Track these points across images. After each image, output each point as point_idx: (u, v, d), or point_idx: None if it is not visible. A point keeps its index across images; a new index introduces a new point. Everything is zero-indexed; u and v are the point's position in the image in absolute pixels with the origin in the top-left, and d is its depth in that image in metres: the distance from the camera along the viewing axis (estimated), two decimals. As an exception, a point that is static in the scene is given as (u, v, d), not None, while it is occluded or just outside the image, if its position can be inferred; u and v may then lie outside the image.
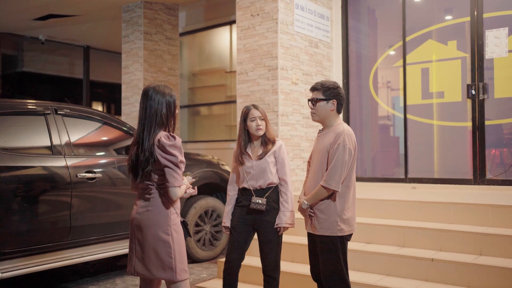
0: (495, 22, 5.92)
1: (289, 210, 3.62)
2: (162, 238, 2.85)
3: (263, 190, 3.62)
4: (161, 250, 2.84)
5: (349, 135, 3.19)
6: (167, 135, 2.82)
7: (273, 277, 3.65)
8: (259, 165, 3.61)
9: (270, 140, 3.67)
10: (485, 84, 5.91)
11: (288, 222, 3.61)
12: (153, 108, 2.85)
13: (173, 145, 2.79)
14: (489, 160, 5.95)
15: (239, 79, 6.40)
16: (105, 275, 5.35)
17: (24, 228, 4.12)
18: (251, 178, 3.64)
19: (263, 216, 3.61)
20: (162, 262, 2.85)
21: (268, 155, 3.63)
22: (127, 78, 8.91)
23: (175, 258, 2.85)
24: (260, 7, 6.19)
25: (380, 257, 4.43)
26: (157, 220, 2.86)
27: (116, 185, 4.84)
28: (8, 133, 4.29)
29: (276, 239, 3.65)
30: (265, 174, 3.61)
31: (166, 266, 2.85)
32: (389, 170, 7.09)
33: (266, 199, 3.59)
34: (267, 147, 3.64)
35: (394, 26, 6.82)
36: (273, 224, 3.61)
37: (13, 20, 10.07)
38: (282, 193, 3.66)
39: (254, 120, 3.61)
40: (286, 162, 3.69)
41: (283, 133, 6.05)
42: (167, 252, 2.84)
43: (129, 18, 8.86)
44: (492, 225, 4.51)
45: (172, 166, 2.78)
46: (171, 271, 2.85)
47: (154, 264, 2.86)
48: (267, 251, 3.63)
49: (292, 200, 3.67)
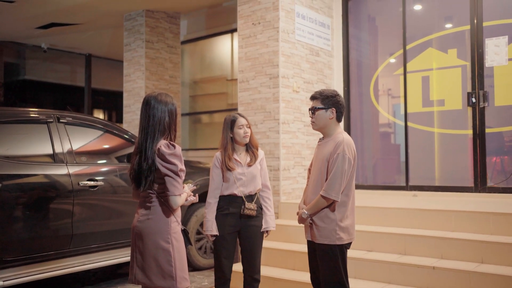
0: (495, 31, 5.95)
1: (273, 214, 3.86)
2: (162, 246, 2.85)
3: (251, 196, 3.73)
4: (161, 259, 2.85)
5: (348, 145, 3.21)
6: (167, 144, 2.83)
7: (258, 280, 3.78)
8: (250, 171, 3.73)
9: (255, 147, 3.83)
10: (485, 92, 5.93)
11: (273, 226, 3.83)
12: (156, 117, 2.86)
13: (173, 153, 2.80)
14: (490, 168, 5.95)
15: (241, 87, 6.43)
16: (106, 283, 5.35)
17: (26, 236, 4.12)
18: (242, 185, 3.70)
19: (251, 221, 3.72)
20: (162, 271, 2.85)
21: (257, 162, 3.78)
22: (128, 86, 8.94)
23: (175, 266, 2.86)
24: (261, 16, 6.23)
25: (381, 265, 4.43)
26: (158, 228, 2.86)
27: (117, 193, 4.85)
28: (11, 141, 4.30)
29: (261, 243, 3.81)
30: (255, 180, 3.75)
31: (166, 275, 2.85)
32: (390, 177, 7.09)
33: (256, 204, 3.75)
34: (255, 154, 3.80)
35: (394, 34, 6.85)
36: (259, 228, 3.76)
37: (16, 29, 10.13)
38: (266, 199, 3.84)
39: (241, 128, 3.72)
40: (267, 170, 3.94)
41: (284, 141, 6.06)
42: (167, 261, 2.85)
43: (131, 27, 8.91)
44: (493, 233, 4.51)
45: (172, 174, 2.80)
46: (171, 279, 2.85)
47: (154, 273, 2.86)
48: (254, 255, 3.75)
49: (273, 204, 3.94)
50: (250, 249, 3.74)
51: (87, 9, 8.62)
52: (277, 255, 5.11)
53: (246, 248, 3.75)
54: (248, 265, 3.75)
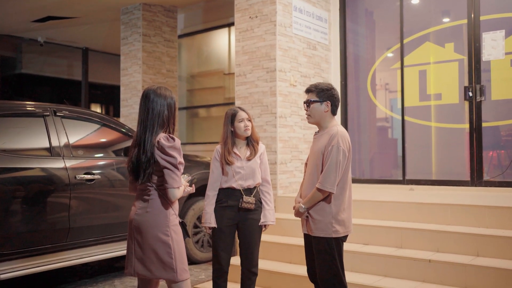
0: (492, 25, 5.95)
1: (272, 209, 3.84)
2: (162, 239, 2.86)
3: (250, 189, 3.74)
4: (161, 251, 2.86)
5: (343, 137, 3.21)
6: (166, 137, 2.84)
7: (256, 273, 3.80)
8: (249, 165, 3.73)
9: (255, 141, 3.82)
10: (482, 86, 5.94)
11: (272, 220, 3.82)
12: (155, 110, 2.88)
13: (172, 146, 2.81)
14: (486, 162, 5.97)
15: (238, 81, 6.42)
16: (103, 276, 5.36)
17: (23, 230, 4.12)
18: (240, 178, 3.70)
19: (249, 214, 3.72)
20: (162, 263, 2.87)
21: (256, 156, 3.78)
22: (125, 80, 8.92)
23: (175, 258, 2.88)
24: (258, 10, 6.22)
25: (377, 258, 4.45)
26: (156, 221, 2.88)
27: (114, 186, 4.85)
28: (7, 134, 4.30)
29: (259, 236, 3.82)
30: (255, 174, 3.75)
31: (167, 267, 2.87)
32: (387, 171, 7.11)
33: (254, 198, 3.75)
34: (255, 148, 3.79)
35: (392, 28, 6.84)
36: (258, 222, 3.76)
37: (12, 22, 10.09)
38: (265, 193, 3.84)
39: (242, 121, 3.72)
40: (267, 164, 3.92)
41: (282, 135, 6.07)
42: (167, 253, 2.87)
43: (128, 20, 8.88)
44: (489, 226, 4.53)
45: (171, 167, 2.81)
46: (172, 271, 2.87)
47: (155, 265, 2.88)
48: (252, 248, 3.75)
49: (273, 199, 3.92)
50: (248, 242, 3.75)
51: (84, 2, 8.59)
52: (274, 249, 5.12)
53: (244, 241, 3.77)
54: (245, 258, 3.76)
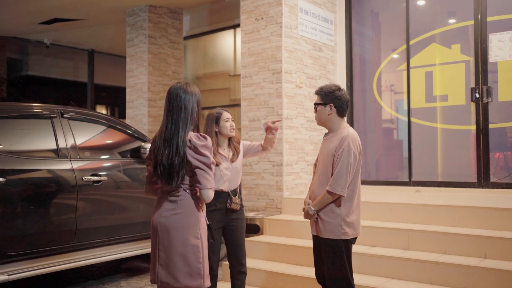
0: (499, 26, 5.93)
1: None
2: (192, 242, 2.71)
3: (235, 190, 3.76)
4: (190, 255, 2.70)
5: (353, 139, 3.21)
6: (197, 135, 2.72)
7: (245, 272, 3.82)
8: (234, 166, 3.75)
9: (237, 141, 3.84)
10: (489, 87, 5.92)
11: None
12: (188, 108, 2.75)
13: (205, 145, 2.69)
14: (493, 163, 5.95)
15: (243, 82, 6.43)
16: (110, 278, 5.37)
17: (30, 231, 4.14)
18: (228, 179, 3.70)
19: (234, 215, 3.75)
20: (190, 268, 2.70)
21: (239, 157, 3.82)
22: (131, 81, 8.94)
23: (203, 263, 2.73)
24: (264, 11, 6.22)
25: (384, 260, 4.44)
26: (187, 223, 2.72)
27: (121, 188, 4.86)
28: (14, 136, 4.32)
29: (244, 236, 3.86)
30: (239, 174, 3.80)
31: (194, 272, 2.70)
32: (393, 173, 7.09)
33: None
34: (237, 150, 3.81)
35: (397, 29, 6.83)
36: (243, 221, 3.82)
37: (18, 24, 10.14)
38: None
39: (228, 121, 3.73)
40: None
41: (287, 136, 6.06)
42: (196, 257, 2.71)
43: (134, 22, 8.91)
44: (496, 228, 4.51)
45: (204, 167, 2.67)
46: (199, 277, 2.70)
47: (181, 271, 2.70)
48: (239, 248, 3.78)
49: None
50: (235, 243, 3.77)
51: (90, 4, 8.62)
52: (280, 250, 5.11)
53: (232, 242, 3.77)
54: (234, 259, 3.78)
